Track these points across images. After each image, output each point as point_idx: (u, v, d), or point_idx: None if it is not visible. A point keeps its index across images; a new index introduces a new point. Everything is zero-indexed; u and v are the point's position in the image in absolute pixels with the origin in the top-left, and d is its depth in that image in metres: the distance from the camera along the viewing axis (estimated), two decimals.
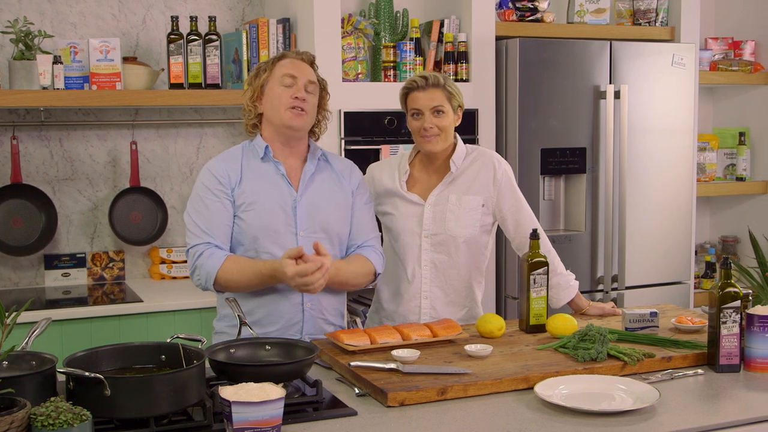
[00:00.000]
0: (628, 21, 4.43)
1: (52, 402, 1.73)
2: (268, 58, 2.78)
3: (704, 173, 4.80)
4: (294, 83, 2.63)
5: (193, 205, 2.64)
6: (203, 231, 2.59)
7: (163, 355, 2.06)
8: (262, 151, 2.66)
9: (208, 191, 2.62)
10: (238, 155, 2.69)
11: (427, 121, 2.80)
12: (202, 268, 2.56)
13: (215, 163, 2.67)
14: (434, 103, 2.79)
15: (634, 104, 4.14)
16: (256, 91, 2.68)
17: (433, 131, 2.80)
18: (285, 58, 2.69)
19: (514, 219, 2.89)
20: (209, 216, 2.60)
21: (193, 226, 2.61)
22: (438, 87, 2.80)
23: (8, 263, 3.87)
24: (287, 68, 2.65)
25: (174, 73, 3.78)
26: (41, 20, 3.84)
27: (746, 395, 2.17)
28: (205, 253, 2.56)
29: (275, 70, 2.66)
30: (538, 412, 2.03)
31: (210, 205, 2.61)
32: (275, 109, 2.63)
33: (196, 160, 4.15)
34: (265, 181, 2.64)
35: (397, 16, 4.10)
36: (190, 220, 2.63)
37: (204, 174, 2.66)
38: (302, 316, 2.65)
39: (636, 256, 4.19)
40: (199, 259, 2.57)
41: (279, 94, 2.62)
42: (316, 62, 2.73)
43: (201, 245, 2.58)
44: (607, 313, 2.89)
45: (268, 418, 1.74)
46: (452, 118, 2.83)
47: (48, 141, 3.91)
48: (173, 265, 4.04)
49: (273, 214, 2.61)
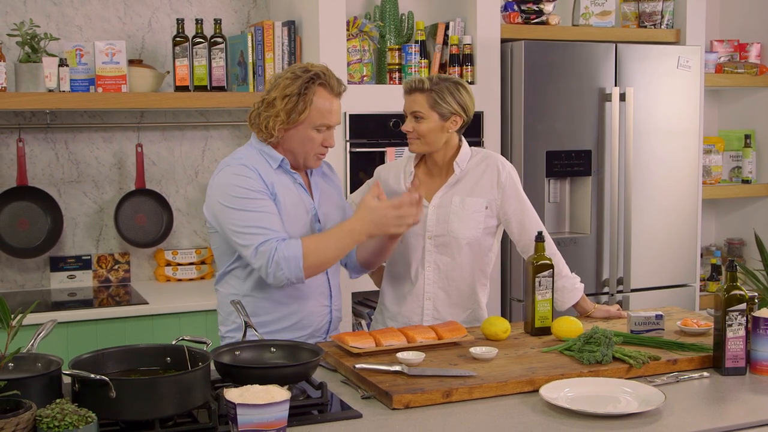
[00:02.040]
0: (634, 23, 4.43)
1: (57, 404, 1.73)
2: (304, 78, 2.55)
3: (710, 176, 4.79)
4: (327, 129, 2.59)
5: (238, 208, 2.48)
6: (265, 228, 2.46)
7: (169, 358, 2.06)
8: (276, 163, 2.59)
9: (253, 192, 2.49)
10: (257, 159, 2.58)
11: (406, 125, 2.83)
12: (286, 260, 2.42)
13: (245, 168, 2.53)
14: (413, 107, 2.81)
15: (639, 107, 4.13)
16: (289, 122, 2.55)
17: (412, 135, 2.82)
18: (323, 88, 2.56)
19: (518, 222, 2.89)
20: (266, 215, 2.48)
21: (249, 228, 2.46)
22: (421, 92, 2.79)
23: (14, 265, 3.87)
24: (326, 113, 2.55)
25: (179, 76, 3.79)
26: (47, 23, 3.85)
27: (752, 398, 2.16)
28: (280, 247, 2.43)
29: (313, 108, 2.53)
30: (543, 414, 2.02)
31: (262, 205, 2.49)
32: (305, 151, 2.58)
33: (201, 163, 4.16)
34: (288, 190, 2.60)
35: (402, 18, 4.10)
36: (239, 224, 2.48)
37: (238, 179, 2.51)
38: (330, 317, 2.71)
39: (641, 258, 4.19)
40: (276, 254, 2.43)
41: (312, 138, 2.57)
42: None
43: (271, 240, 2.44)
44: (613, 316, 2.89)
45: (273, 421, 1.74)
46: (435, 124, 2.79)
47: (54, 143, 3.91)
48: (178, 268, 4.04)
49: (302, 221, 2.60)
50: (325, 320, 2.70)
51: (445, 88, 2.80)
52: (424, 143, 2.83)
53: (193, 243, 4.16)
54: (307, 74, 2.55)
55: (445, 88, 2.80)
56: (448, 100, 2.78)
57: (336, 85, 2.59)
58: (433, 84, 2.79)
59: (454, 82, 2.83)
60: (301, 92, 2.53)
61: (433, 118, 2.79)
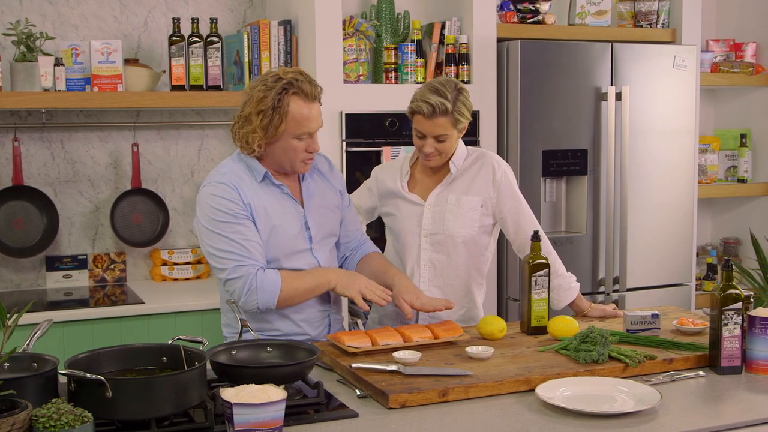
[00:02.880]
0: (630, 23, 4.43)
1: (53, 404, 1.73)
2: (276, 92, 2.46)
3: (705, 175, 4.80)
4: (310, 136, 2.53)
5: (216, 232, 2.48)
6: (242, 255, 2.47)
7: (165, 357, 2.06)
8: (260, 176, 2.56)
9: (231, 216, 2.48)
10: (240, 176, 2.55)
11: (428, 146, 2.79)
12: (262, 290, 2.46)
13: (225, 189, 2.50)
14: (438, 131, 2.76)
15: (635, 106, 4.14)
16: (267, 137, 2.49)
17: (434, 154, 2.81)
18: (296, 97, 2.47)
19: (514, 221, 2.89)
20: (243, 241, 2.48)
21: (226, 253, 2.47)
22: (445, 115, 2.74)
23: (9, 265, 3.87)
24: (304, 122, 2.48)
25: (175, 75, 3.79)
26: (43, 22, 3.85)
27: (747, 397, 2.17)
28: (259, 275, 2.46)
29: (290, 119, 2.46)
30: (539, 413, 2.02)
31: (239, 231, 2.48)
32: (289, 159, 2.54)
33: (197, 162, 4.15)
34: (274, 203, 2.57)
35: (399, 17, 4.10)
36: (217, 248, 2.48)
37: (217, 201, 2.49)
38: (329, 320, 2.71)
39: (637, 257, 4.19)
40: (254, 281, 2.45)
41: (295, 148, 2.51)
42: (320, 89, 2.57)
43: (249, 266, 2.46)
44: (609, 315, 2.90)
45: (269, 420, 1.74)
46: (455, 138, 2.82)
47: (49, 143, 3.91)
48: (174, 267, 4.04)
49: (291, 232, 2.59)
50: (324, 323, 2.70)
51: (461, 102, 2.76)
52: (445, 157, 2.85)
53: (189, 242, 4.16)
54: (279, 84, 2.47)
55: (461, 102, 2.76)
56: (465, 113, 2.78)
57: (311, 90, 2.49)
58: (452, 103, 2.74)
59: (459, 89, 2.79)
60: (275, 105, 2.45)
61: (454, 135, 2.81)
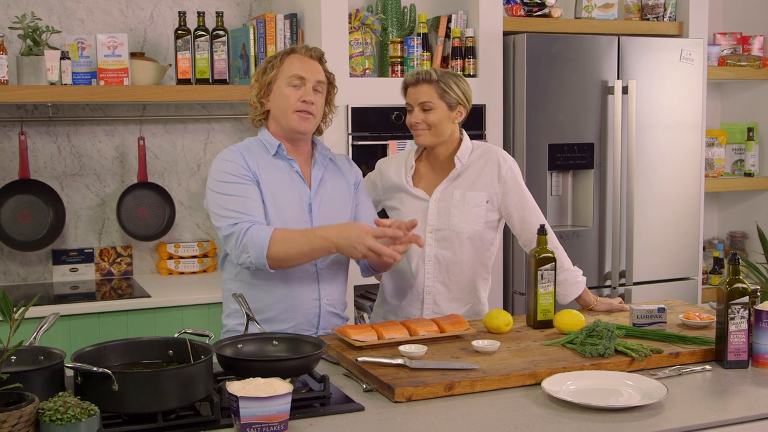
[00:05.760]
0: (636, 16, 4.42)
1: (60, 397, 1.73)
2: (276, 53, 2.69)
3: (712, 169, 4.79)
4: (302, 84, 2.59)
5: (219, 192, 2.54)
6: (240, 212, 2.49)
7: (171, 351, 2.07)
8: (273, 149, 2.63)
9: (234, 176, 2.54)
10: (251, 148, 2.64)
11: (414, 116, 2.82)
12: (252, 244, 2.44)
13: (232, 153, 2.59)
14: (422, 98, 2.80)
15: (642, 100, 4.13)
16: (263, 88, 2.64)
17: (421, 126, 2.82)
18: (293, 53, 2.63)
19: (520, 216, 2.89)
20: (243, 199, 2.51)
21: (226, 211, 2.50)
22: (429, 82, 2.80)
23: (16, 258, 3.88)
24: (296, 68, 2.60)
25: (181, 69, 3.79)
26: (49, 16, 3.85)
27: (754, 391, 2.16)
28: (252, 229, 2.45)
29: (283, 67, 2.62)
30: (545, 407, 2.02)
31: (241, 190, 2.52)
32: (282, 111, 2.61)
33: (203, 156, 4.15)
34: (282, 176, 2.62)
35: (405, 11, 4.09)
36: (219, 206, 2.52)
37: (222, 164, 2.57)
38: (319, 311, 2.65)
39: (644, 251, 4.19)
40: (246, 236, 2.45)
41: (287, 95, 2.59)
42: (324, 57, 2.69)
43: (244, 222, 2.47)
44: (615, 309, 2.89)
45: (275, 414, 1.74)
46: (444, 114, 2.81)
47: (56, 136, 3.91)
48: (181, 261, 4.05)
49: (291, 210, 2.60)
50: (314, 313, 2.65)
51: (449, 78, 2.83)
52: (434, 134, 2.83)
53: (195, 236, 4.16)
54: (280, 52, 2.68)
55: (449, 78, 2.83)
56: (454, 89, 2.81)
57: (308, 50, 2.64)
58: (439, 75, 2.82)
59: (453, 74, 2.87)
60: (274, 63, 2.64)
61: (441, 107, 2.80)
